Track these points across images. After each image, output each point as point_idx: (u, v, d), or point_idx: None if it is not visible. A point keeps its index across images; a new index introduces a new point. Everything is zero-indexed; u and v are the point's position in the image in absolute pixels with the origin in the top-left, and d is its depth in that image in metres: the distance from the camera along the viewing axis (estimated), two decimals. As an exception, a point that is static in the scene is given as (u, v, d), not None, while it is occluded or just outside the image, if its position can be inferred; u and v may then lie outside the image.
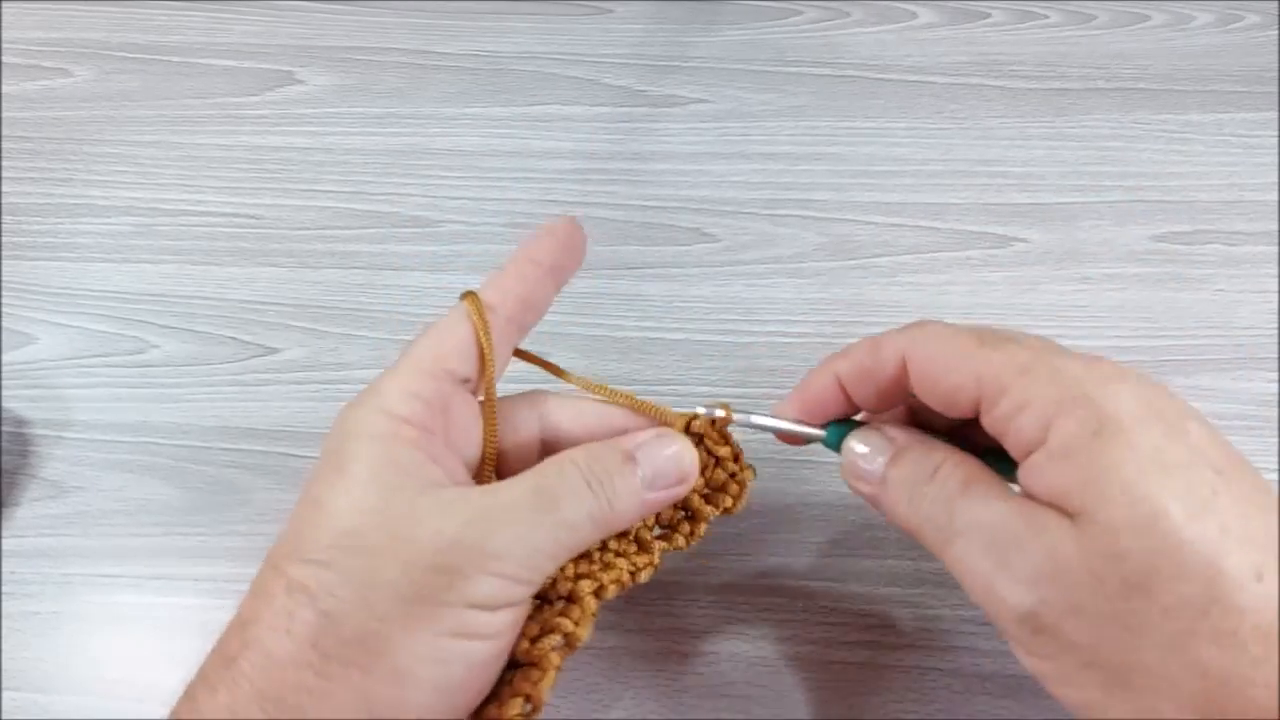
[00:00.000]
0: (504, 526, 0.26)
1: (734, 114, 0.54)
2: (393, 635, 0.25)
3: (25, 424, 0.43)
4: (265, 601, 0.26)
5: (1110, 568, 0.23)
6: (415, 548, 0.25)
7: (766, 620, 0.38)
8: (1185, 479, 0.23)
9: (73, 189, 0.51)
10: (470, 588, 0.25)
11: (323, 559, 0.25)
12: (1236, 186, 0.50)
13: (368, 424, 0.27)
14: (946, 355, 0.27)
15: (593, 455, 0.28)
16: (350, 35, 0.57)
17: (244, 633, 0.25)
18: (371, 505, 0.26)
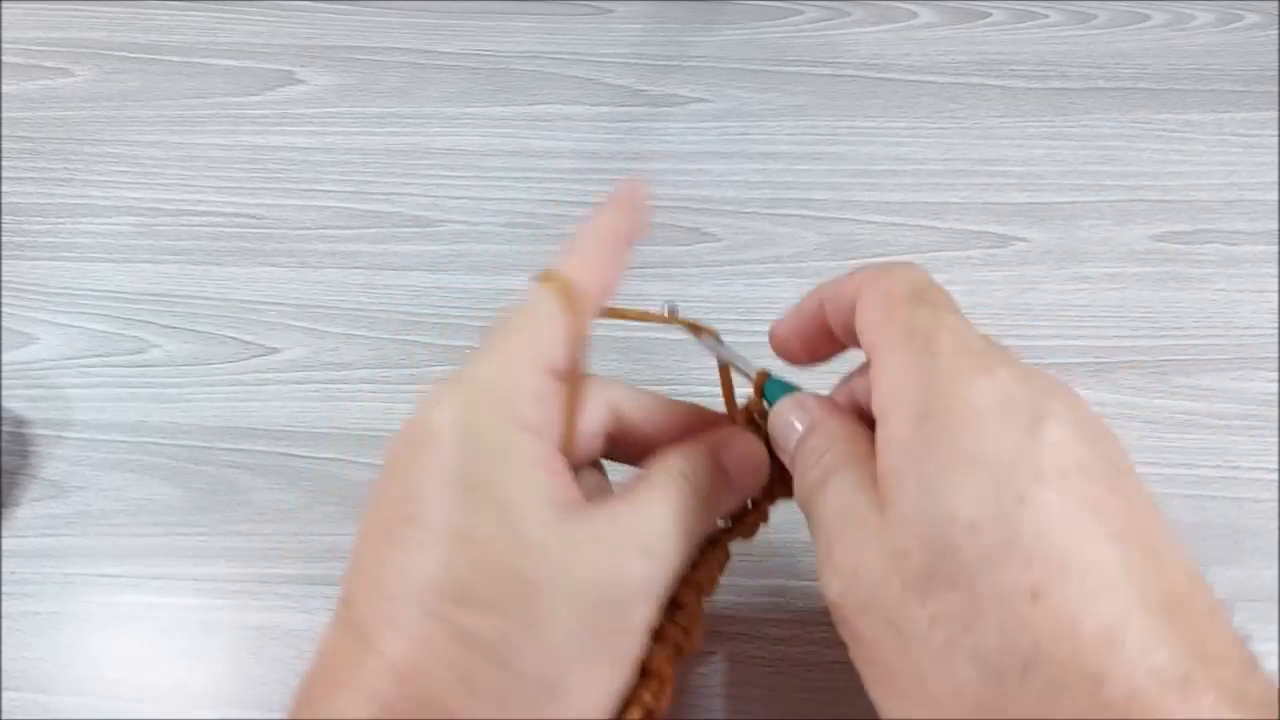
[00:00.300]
0: (654, 556, 0.25)
1: (734, 113, 0.54)
2: (576, 680, 0.24)
3: (25, 424, 0.43)
4: (429, 654, 0.22)
5: (895, 567, 0.22)
6: (587, 583, 0.24)
7: (766, 620, 0.38)
8: (992, 481, 0.21)
9: (73, 189, 0.51)
10: (635, 616, 0.25)
11: (489, 601, 0.23)
12: (1237, 186, 0.50)
13: (505, 441, 0.24)
14: (877, 296, 0.26)
15: (696, 468, 0.27)
16: (351, 35, 0.57)
17: (406, 684, 0.22)
18: (524, 538, 0.23)
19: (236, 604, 0.39)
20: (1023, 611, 0.20)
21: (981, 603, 0.20)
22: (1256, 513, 0.41)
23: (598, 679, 0.24)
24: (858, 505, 0.24)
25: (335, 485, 0.42)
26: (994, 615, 0.20)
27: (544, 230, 0.49)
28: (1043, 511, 0.20)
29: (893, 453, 0.23)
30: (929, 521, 0.21)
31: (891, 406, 0.23)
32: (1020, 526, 0.20)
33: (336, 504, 0.41)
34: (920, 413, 0.22)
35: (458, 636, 0.22)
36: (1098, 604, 0.19)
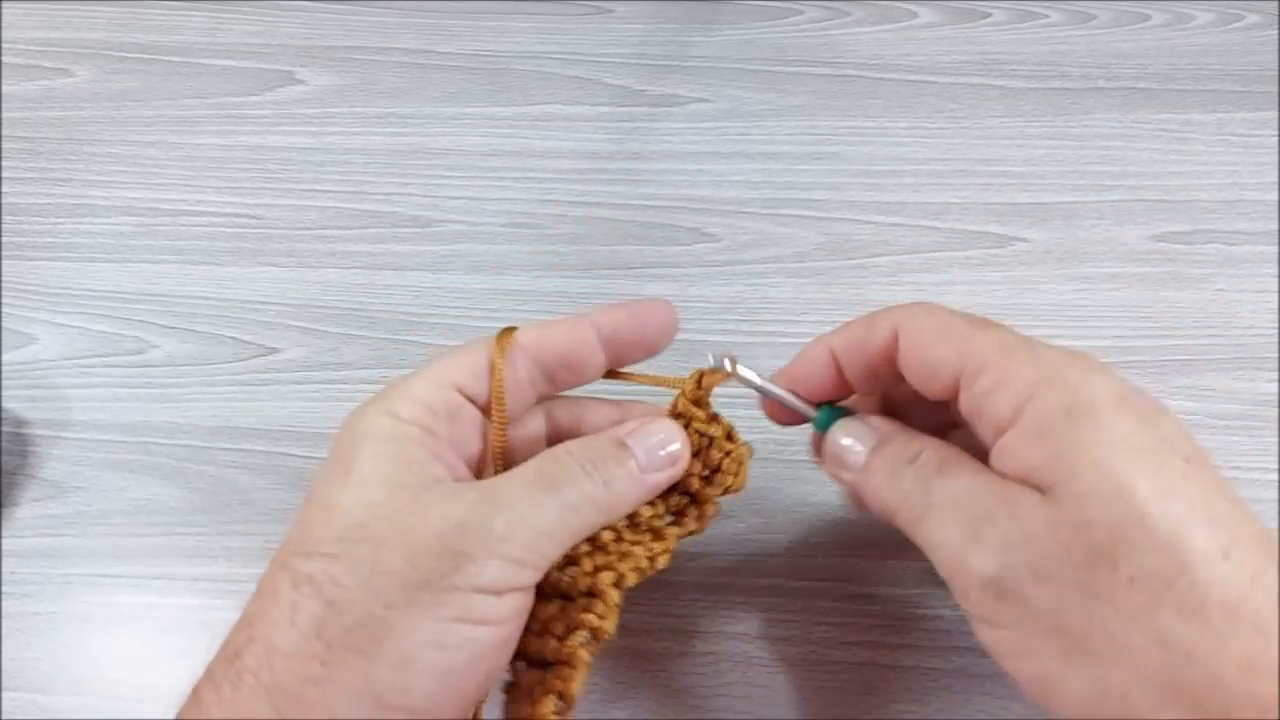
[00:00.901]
0: (507, 509, 0.26)
1: (734, 113, 0.54)
2: (397, 621, 0.25)
3: (25, 424, 0.43)
4: (271, 598, 0.26)
5: (1078, 536, 0.23)
6: (420, 535, 0.26)
7: (766, 621, 0.38)
8: (1154, 461, 0.23)
9: (73, 189, 0.51)
10: (475, 571, 0.25)
11: (329, 552, 0.26)
12: (1237, 186, 0.50)
13: (373, 425, 0.28)
14: (935, 329, 0.27)
15: (586, 444, 0.29)
16: (351, 35, 0.57)
17: (249, 629, 0.26)
18: (377, 499, 0.26)
19: (236, 604, 0.39)
20: (1220, 567, 0.22)
21: (1182, 561, 0.22)
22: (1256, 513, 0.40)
23: (425, 630, 0.25)
24: (998, 487, 0.25)
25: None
26: (1195, 572, 0.22)
27: (544, 230, 0.49)
28: (1203, 485, 0.23)
29: (1046, 444, 0.24)
30: (1113, 494, 0.23)
31: (1025, 409, 0.25)
32: (1192, 498, 0.23)
33: (336, 504, 0.41)
34: (1062, 409, 0.24)
35: (293, 580, 0.25)
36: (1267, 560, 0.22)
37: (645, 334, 0.31)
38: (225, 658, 0.26)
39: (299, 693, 0.24)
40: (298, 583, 0.25)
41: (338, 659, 0.24)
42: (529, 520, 0.26)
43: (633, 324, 0.31)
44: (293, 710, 0.24)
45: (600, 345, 0.31)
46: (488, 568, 0.26)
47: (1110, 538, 0.23)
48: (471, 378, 0.30)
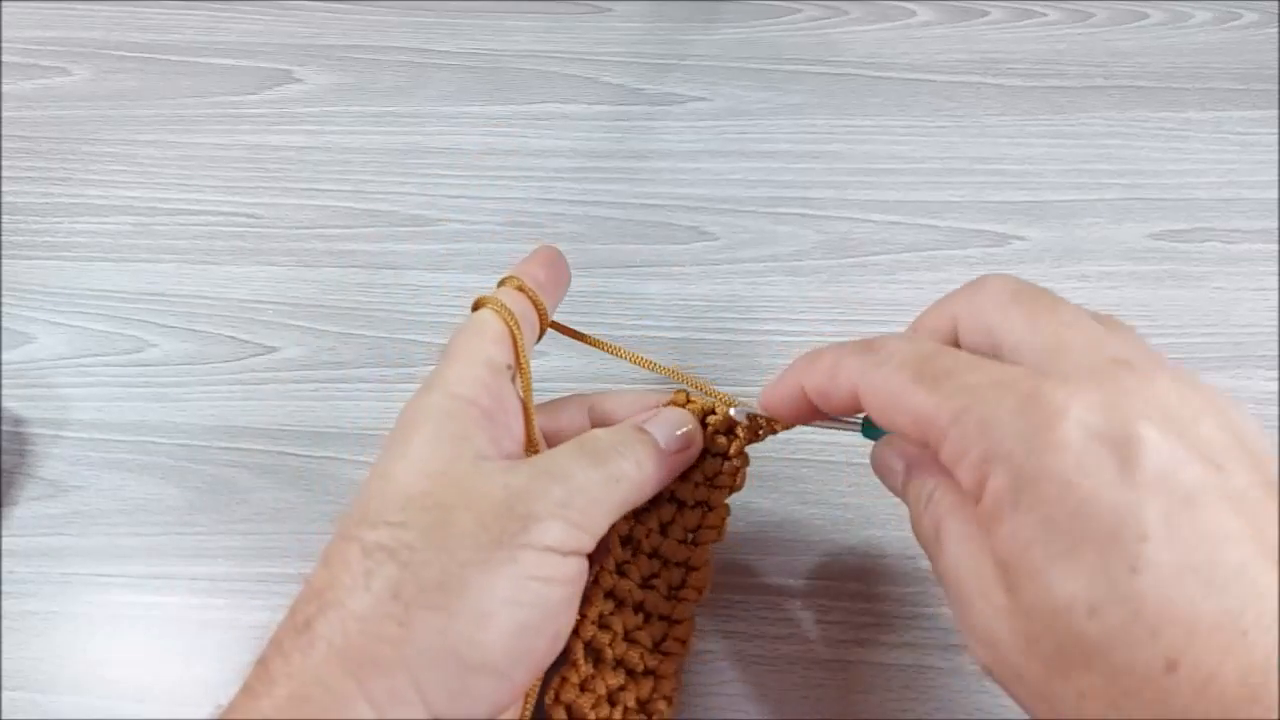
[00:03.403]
0: (563, 479, 0.28)
1: (732, 112, 0.54)
2: (473, 578, 0.25)
3: (23, 423, 0.43)
4: (341, 567, 0.26)
5: (1033, 650, 0.22)
6: (487, 499, 0.27)
7: (764, 619, 0.38)
8: (1102, 557, 0.20)
9: (71, 188, 0.51)
10: (542, 530, 0.27)
11: (397, 520, 0.26)
12: (1235, 184, 0.50)
13: (431, 405, 0.29)
14: (890, 392, 0.25)
15: (613, 430, 0.31)
16: (349, 34, 0.57)
17: (319, 599, 0.26)
18: (438, 469, 0.28)
19: (235, 603, 0.39)
20: (1162, 684, 0.20)
21: (1121, 681, 0.20)
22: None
23: (502, 586, 0.26)
24: (977, 573, 0.24)
25: (333, 484, 0.42)
26: (1136, 693, 0.20)
27: (542, 229, 0.49)
28: (1160, 577, 0.20)
29: (1000, 533, 0.22)
30: (1049, 613, 0.21)
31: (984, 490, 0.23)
32: (1139, 600, 0.20)
33: (334, 503, 0.41)
34: (1013, 495, 0.22)
35: (364, 549, 0.26)
36: (1233, 658, 0.19)
37: (561, 278, 0.35)
38: (294, 628, 0.26)
39: (376, 654, 0.24)
40: (369, 550, 0.26)
41: (415, 618, 0.25)
42: (583, 489, 0.28)
43: (553, 270, 0.35)
44: (369, 672, 0.24)
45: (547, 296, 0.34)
46: (554, 527, 0.27)
47: (1055, 654, 0.21)
48: (505, 353, 0.31)
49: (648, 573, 0.33)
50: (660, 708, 0.31)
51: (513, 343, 0.31)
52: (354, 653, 0.25)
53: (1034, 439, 0.22)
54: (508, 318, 0.31)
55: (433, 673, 0.25)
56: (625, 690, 0.31)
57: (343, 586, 0.26)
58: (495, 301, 0.32)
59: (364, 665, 0.24)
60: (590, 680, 0.31)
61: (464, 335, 0.31)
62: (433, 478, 0.27)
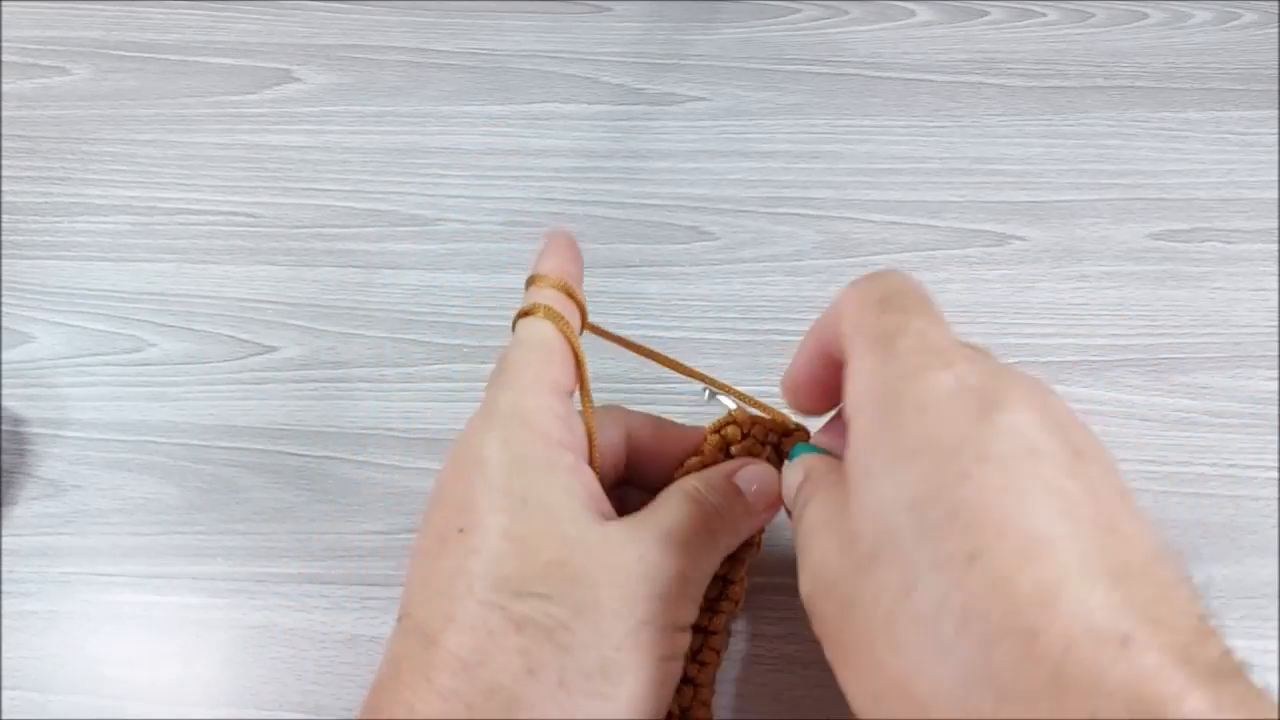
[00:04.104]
0: (687, 556, 0.28)
1: (732, 112, 0.54)
2: (629, 663, 0.25)
3: (23, 423, 0.43)
4: (488, 639, 0.24)
5: (848, 548, 0.23)
6: (624, 572, 0.26)
7: (764, 619, 0.38)
8: (936, 464, 0.22)
9: (70, 187, 0.51)
10: (679, 610, 0.27)
11: (541, 592, 0.25)
12: (1235, 184, 0.50)
13: (531, 451, 0.27)
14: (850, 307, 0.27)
15: (715, 490, 0.30)
16: (348, 34, 0.57)
17: (467, 673, 0.24)
18: (568, 535, 0.26)
19: (234, 603, 0.39)
20: (958, 575, 0.20)
21: (918, 569, 0.21)
22: (1254, 510, 0.41)
23: (652, 669, 0.26)
24: (827, 513, 0.25)
25: (333, 484, 0.42)
26: (929, 580, 0.21)
27: (542, 229, 0.49)
28: (984, 486, 0.21)
29: (855, 448, 0.24)
30: (875, 506, 0.22)
31: (855, 410, 0.24)
32: (960, 501, 0.21)
33: (334, 503, 0.41)
34: (880, 409, 0.23)
35: (514, 623, 0.24)
36: (1034, 566, 0.20)
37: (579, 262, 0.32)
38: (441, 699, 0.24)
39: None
40: (521, 625, 0.24)
41: (580, 706, 0.24)
42: (703, 564, 0.28)
43: (574, 254, 0.32)
44: None
45: None
46: (686, 607, 0.27)
47: (868, 551, 0.22)
48: (564, 371, 0.29)
49: None
50: (700, 714, 0.32)
51: (575, 362, 0.29)
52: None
53: (920, 372, 0.23)
54: (567, 332, 0.29)
55: None
56: None
57: (498, 665, 0.24)
58: (549, 312, 0.29)
59: None
60: None
61: (527, 354, 0.29)
62: (567, 544, 0.26)
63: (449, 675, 0.24)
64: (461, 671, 0.24)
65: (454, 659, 0.24)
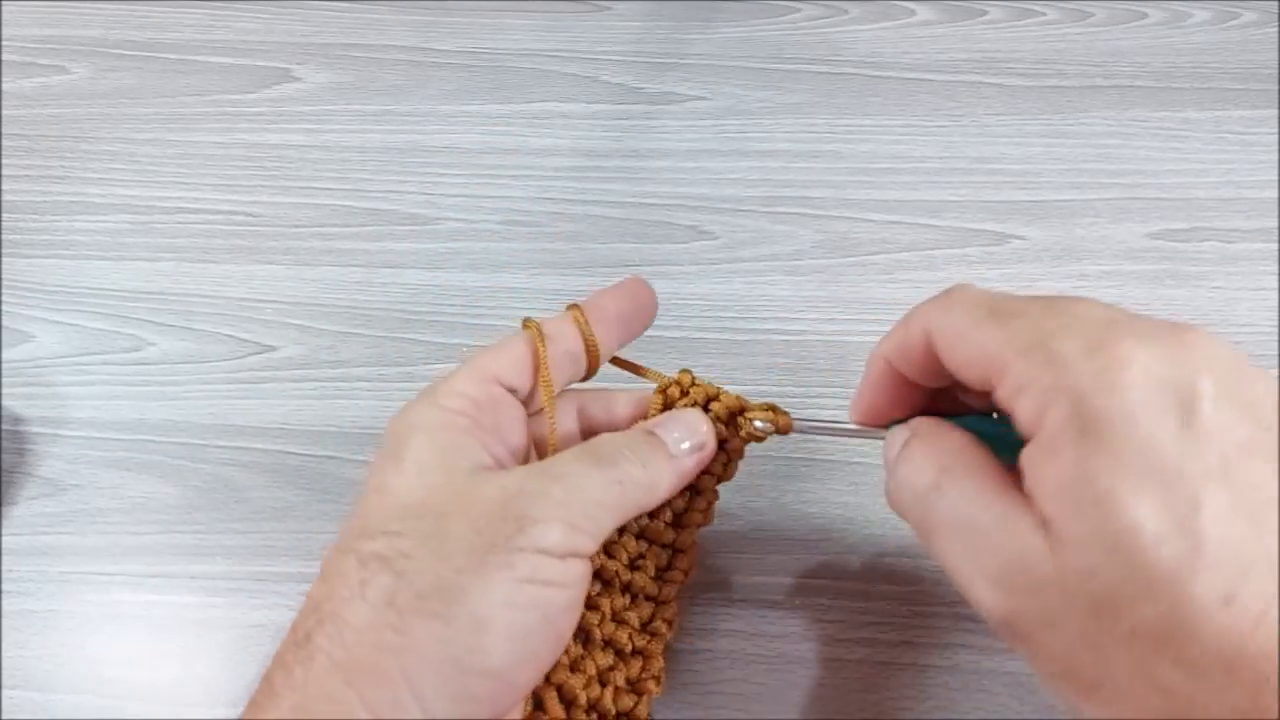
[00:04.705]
0: (562, 479, 0.28)
1: (732, 111, 0.54)
2: (469, 584, 0.25)
3: (22, 422, 0.43)
4: (338, 579, 0.26)
5: (1079, 584, 0.22)
6: (482, 502, 0.27)
7: (763, 618, 0.38)
8: (1167, 492, 0.21)
9: (70, 186, 0.51)
10: (539, 533, 0.26)
11: (393, 530, 0.27)
12: (1234, 184, 0.50)
13: (421, 416, 0.29)
14: (959, 328, 0.26)
15: (621, 434, 0.31)
16: (348, 32, 0.57)
17: (317, 612, 0.26)
18: (433, 481, 0.28)
19: (233, 602, 0.39)
20: (1219, 617, 0.20)
21: (1179, 611, 0.21)
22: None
23: (498, 591, 0.26)
24: (1000, 510, 0.24)
25: (332, 483, 0.42)
26: (1194, 624, 0.21)
27: (541, 228, 0.49)
28: (1219, 514, 0.21)
29: (1055, 469, 0.22)
30: (1112, 540, 0.21)
31: (1039, 423, 0.23)
32: (1202, 534, 0.21)
33: (333, 502, 0.41)
34: (1074, 426, 0.22)
35: (360, 559, 0.26)
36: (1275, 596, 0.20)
37: (641, 311, 0.34)
38: (295, 642, 0.26)
39: (374, 663, 0.25)
40: (365, 561, 0.26)
41: (412, 625, 0.25)
42: (584, 489, 0.28)
43: (631, 303, 0.33)
44: (368, 682, 0.24)
45: (614, 324, 0.33)
46: (550, 530, 0.27)
47: (1110, 588, 0.21)
48: (511, 370, 0.31)
49: (634, 554, 0.33)
50: (649, 686, 0.31)
51: (533, 361, 0.31)
52: (353, 664, 0.25)
53: (1101, 377, 0.22)
54: (535, 337, 0.31)
55: (432, 679, 0.25)
56: (615, 670, 0.31)
57: (339, 598, 0.26)
58: (533, 322, 0.32)
59: (363, 675, 0.24)
60: (580, 661, 0.31)
61: (482, 352, 0.31)
62: (429, 488, 0.28)
63: (303, 616, 0.26)
64: (312, 611, 0.26)
65: (310, 603, 0.26)
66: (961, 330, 0.26)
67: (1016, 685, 0.36)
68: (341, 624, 0.25)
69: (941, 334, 0.26)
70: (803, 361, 0.45)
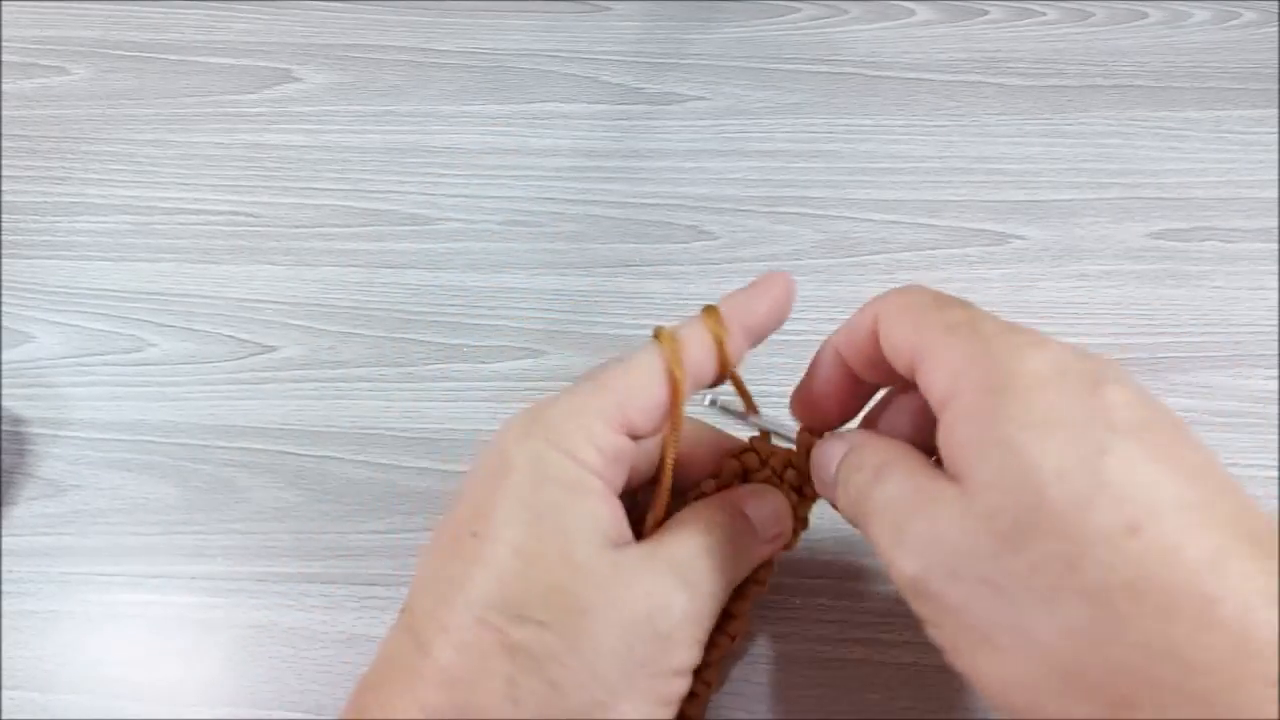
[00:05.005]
0: (696, 591, 0.27)
1: (732, 111, 0.54)
2: (619, 706, 0.25)
3: (23, 422, 0.43)
4: (478, 660, 0.24)
5: (983, 527, 0.22)
6: (627, 608, 0.25)
7: (763, 618, 0.38)
8: (1072, 436, 0.21)
9: (70, 187, 0.51)
10: (679, 654, 0.26)
11: (540, 619, 0.24)
12: (1234, 183, 0.50)
13: (555, 467, 0.26)
14: (898, 310, 0.27)
15: (727, 520, 0.29)
16: (348, 33, 0.57)
17: (452, 693, 0.24)
18: (577, 559, 0.25)
19: (234, 602, 0.39)
20: (1124, 545, 0.20)
21: (1082, 542, 0.21)
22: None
23: (642, 712, 0.25)
24: (923, 485, 0.24)
25: (333, 484, 0.42)
26: (1096, 552, 0.20)
27: (542, 228, 0.49)
28: (1125, 457, 0.21)
29: (966, 426, 0.23)
30: (1017, 478, 0.22)
31: (954, 390, 0.24)
32: (1107, 471, 0.21)
33: (334, 502, 0.41)
34: (986, 386, 0.23)
35: (507, 647, 0.24)
36: (1197, 534, 0.20)
37: (781, 310, 0.31)
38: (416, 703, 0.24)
39: None
40: (513, 652, 0.24)
41: None
42: (709, 602, 0.27)
43: (772, 308, 0.31)
44: None
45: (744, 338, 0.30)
46: (689, 653, 0.26)
47: (1013, 526, 0.21)
48: (646, 417, 0.27)
49: None
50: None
51: (674, 401, 0.28)
52: None
53: (1017, 350, 0.23)
54: (676, 370, 0.27)
55: None
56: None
57: (485, 690, 0.24)
58: (671, 343, 0.28)
59: None
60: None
61: (617, 380, 0.27)
62: (572, 570, 0.25)
63: (433, 689, 0.24)
64: (445, 687, 0.24)
65: (441, 673, 0.24)
66: (900, 312, 0.26)
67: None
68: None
69: (885, 317, 0.27)
70: (803, 361, 0.44)
